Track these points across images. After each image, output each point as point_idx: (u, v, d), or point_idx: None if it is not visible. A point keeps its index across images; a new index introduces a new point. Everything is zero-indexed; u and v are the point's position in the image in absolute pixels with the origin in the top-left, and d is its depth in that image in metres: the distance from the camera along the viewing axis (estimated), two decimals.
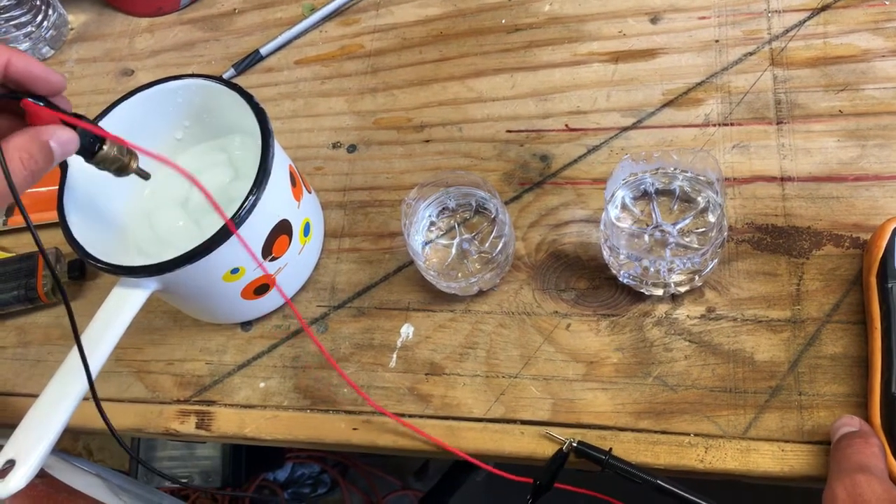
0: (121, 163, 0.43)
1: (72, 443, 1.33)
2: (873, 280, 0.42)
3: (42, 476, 0.49)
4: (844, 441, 0.39)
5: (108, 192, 0.51)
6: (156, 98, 0.51)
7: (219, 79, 0.50)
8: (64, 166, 0.50)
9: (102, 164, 0.42)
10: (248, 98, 0.48)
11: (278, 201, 0.48)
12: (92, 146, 0.41)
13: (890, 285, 0.42)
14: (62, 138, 0.37)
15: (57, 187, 0.49)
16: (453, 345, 0.50)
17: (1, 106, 0.38)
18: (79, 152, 0.40)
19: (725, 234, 0.45)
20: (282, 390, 0.52)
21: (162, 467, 1.15)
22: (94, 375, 0.43)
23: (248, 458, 1.17)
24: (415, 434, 0.48)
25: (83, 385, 0.43)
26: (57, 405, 0.43)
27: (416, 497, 1.20)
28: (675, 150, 0.47)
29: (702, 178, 0.47)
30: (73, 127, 0.39)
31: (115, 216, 0.52)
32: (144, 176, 0.45)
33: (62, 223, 0.47)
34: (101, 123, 0.51)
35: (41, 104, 0.38)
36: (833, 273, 0.46)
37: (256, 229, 0.46)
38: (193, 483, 1.14)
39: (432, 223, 0.53)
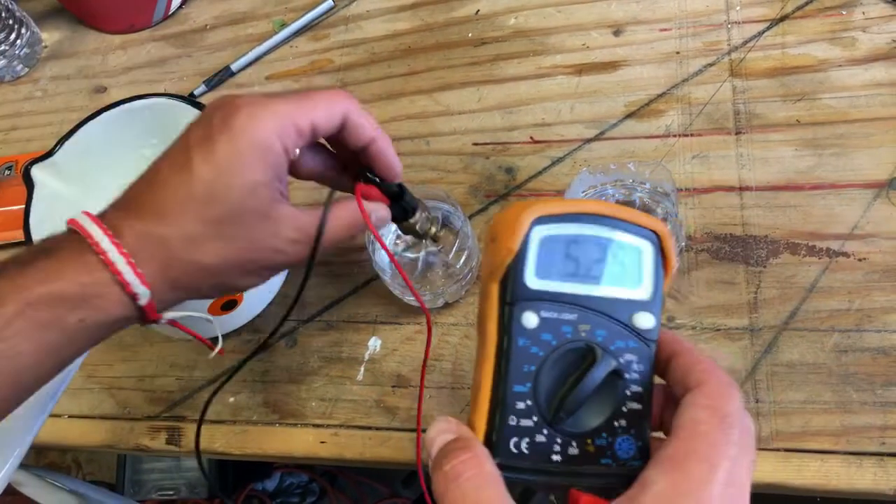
0: (425, 230, 0.45)
1: (60, 456, 1.33)
2: (494, 288, 0.31)
3: (12, 493, 0.50)
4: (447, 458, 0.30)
5: (74, 212, 0.52)
6: (122, 117, 0.52)
7: (183, 98, 0.51)
8: (31, 185, 0.50)
9: (407, 230, 0.45)
10: None
11: None
12: (405, 217, 0.44)
13: (510, 304, 0.31)
14: (380, 215, 0.41)
15: (23, 206, 0.49)
16: (420, 357, 0.51)
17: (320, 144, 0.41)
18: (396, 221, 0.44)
19: (682, 243, 0.46)
20: (251, 405, 0.52)
21: (149, 479, 1.15)
22: (60, 392, 0.44)
23: (236, 469, 1.17)
24: (379, 445, 0.48)
25: (48, 402, 0.44)
26: (22, 423, 0.44)
27: None
28: (632, 162, 0.48)
29: (660, 189, 0.48)
30: (398, 197, 0.42)
31: None
32: (436, 240, 0.46)
33: (28, 242, 0.48)
34: (68, 142, 0.52)
35: (376, 180, 0.41)
36: (789, 281, 0.47)
37: None
38: (180, 495, 1.15)
39: (398, 237, 0.53)
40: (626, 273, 0.31)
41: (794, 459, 0.43)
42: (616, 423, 0.31)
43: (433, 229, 0.46)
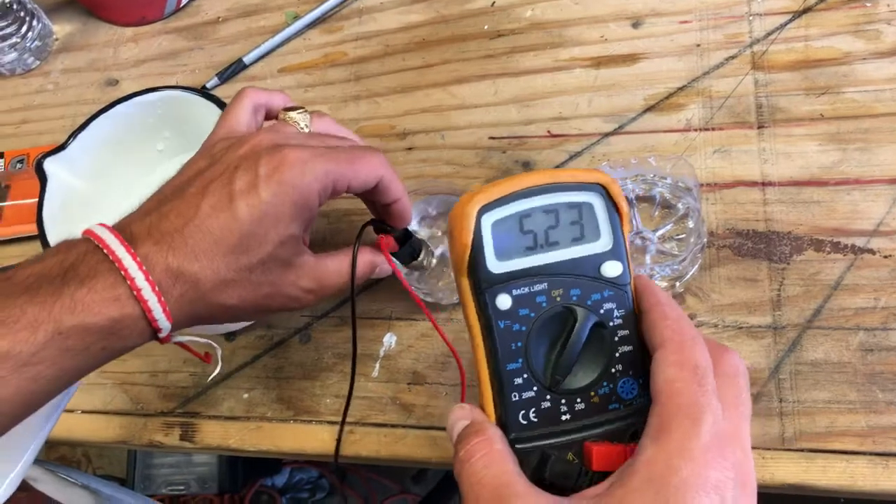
0: (425, 265, 0.49)
1: (70, 450, 1.33)
2: (465, 282, 0.33)
3: (25, 489, 0.49)
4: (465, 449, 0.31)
5: (87, 206, 0.51)
6: (135, 110, 0.51)
7: (196, 90, 0.50)
8: (44, 179, 0.50)
9: (414, 267, 0.49)
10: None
11: None
12: (413, 257, 0.47)
13: (481, 293, 0.32)
14: (384, 268, 0.45)
15: (35, 200, 0.49)
16: (435, 354, 0.50)
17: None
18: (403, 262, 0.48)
19: (704, 239, 0.45)
20: (265, 401, 0.52)
21: (159, 474, 1.15)
22: (74, 389, 0.43)
23: (245, 464, 1.17)
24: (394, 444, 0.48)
25: (62, 398, 0.43)
26: (36, 418, 0.43)
27: (414, 501, 1.20)
28: (653, 156, 0.47)
29: (681, 184, 0.47)
30: (405, 242, 0.46)
31: None
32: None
33: (41, 235, 0.47)
34: (81, 135, 0.51)
35: (390, 230, 0.45)
36: (814, 278, 0.46)
37: None
38: (190, 490, 1.15)
39: (413, 231, 0.52)
40: (583, 230, 0.33)
41: (818, 460, 0.42)
42: (613, 370, 0.32)
43: (433, 261, 0.50)
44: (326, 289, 0.41)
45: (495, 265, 0.32)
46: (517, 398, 0.32)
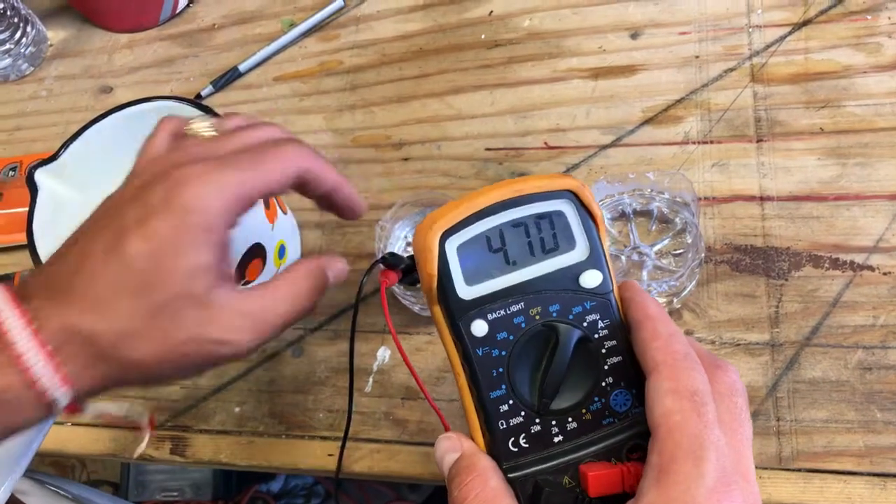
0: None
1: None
2: (437, 311, 0.31)
3: (14, 503, 0.49)
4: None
5: (79, 217, 0.51)
6: (128, 120, 0.51)
7: (190, 101, 0.49)
8: (34, 190, 0.49)
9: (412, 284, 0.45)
10: None
11: (250, 225, 0.47)
12: (414, 283, 0.43)
13: (455, 321, 0.30)
14: (337, 269, 0.40)
15: (27, 209, 0.48)
16: (430, 368, 0.49)
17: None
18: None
19: (702, 255, 0.45)
20: (257, 415, 0.51)
21: (154, 480, 1.15)
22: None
23: (240, 470, 1.17)
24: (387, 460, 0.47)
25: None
26: (24, 434, 0.42)
27: None
28: (650, 171, 0.46)
29: (679, 199, 0.47)
30: (408, 273, 0.40)
31: None
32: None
33: (30, 246, 0.47)
34: (73, 146, 0.51)
35: (392, 262, 0.40)
36: (812, 295, 0.45)
37: None
38: (185, 496, 1.14)
39: (408, 243, 0.52)
40: (556, 240, 0.31)
41: (815, 480, 0.41)
42: (604, 383, 0.31)
43: None
44: (264, 325, 0.34)
45: (466, 291, 0.30)
46: (505, 426, 0.30)
